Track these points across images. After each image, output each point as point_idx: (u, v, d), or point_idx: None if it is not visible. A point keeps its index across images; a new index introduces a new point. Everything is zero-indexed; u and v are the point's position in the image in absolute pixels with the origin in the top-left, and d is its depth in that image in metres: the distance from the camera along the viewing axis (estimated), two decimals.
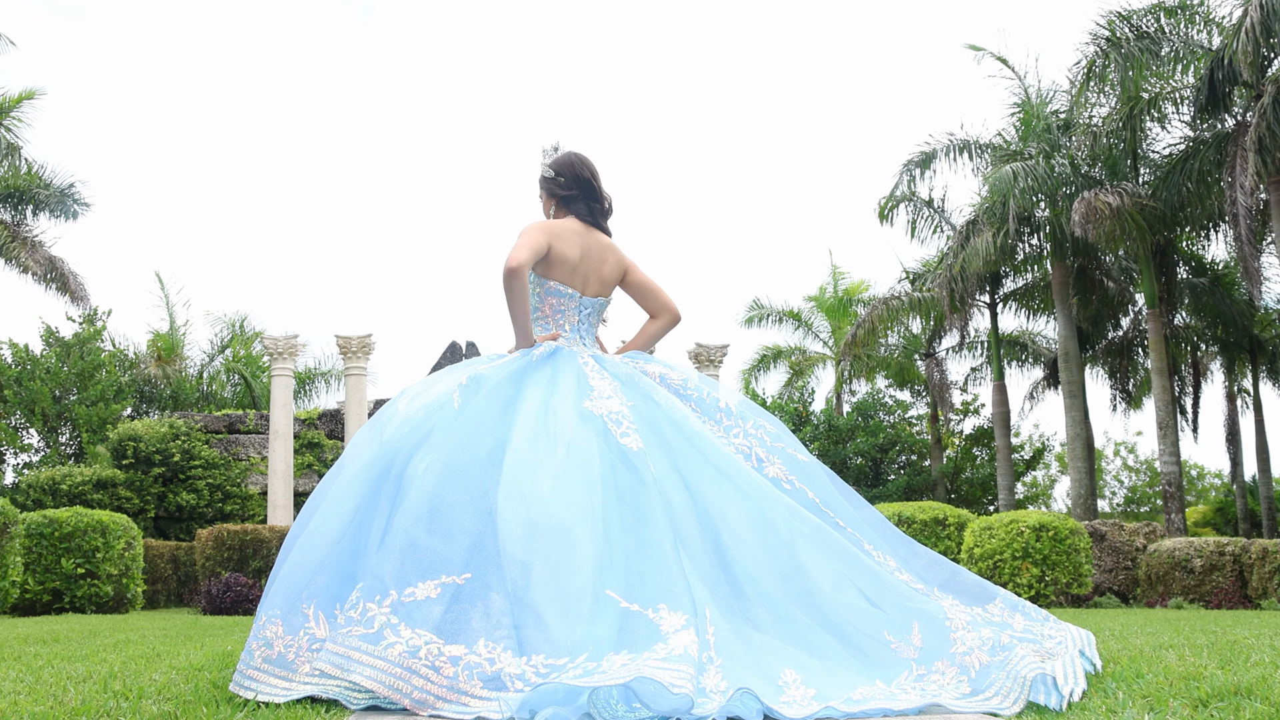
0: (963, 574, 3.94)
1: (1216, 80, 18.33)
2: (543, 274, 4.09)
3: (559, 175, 4.27)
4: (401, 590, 3.06)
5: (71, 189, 23.78)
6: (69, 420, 24.61)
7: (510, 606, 3.03)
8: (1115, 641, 4.85)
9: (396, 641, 2.95)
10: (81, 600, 12.02)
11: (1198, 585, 13.54)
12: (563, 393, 3.67)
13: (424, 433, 3.50)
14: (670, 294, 4.29)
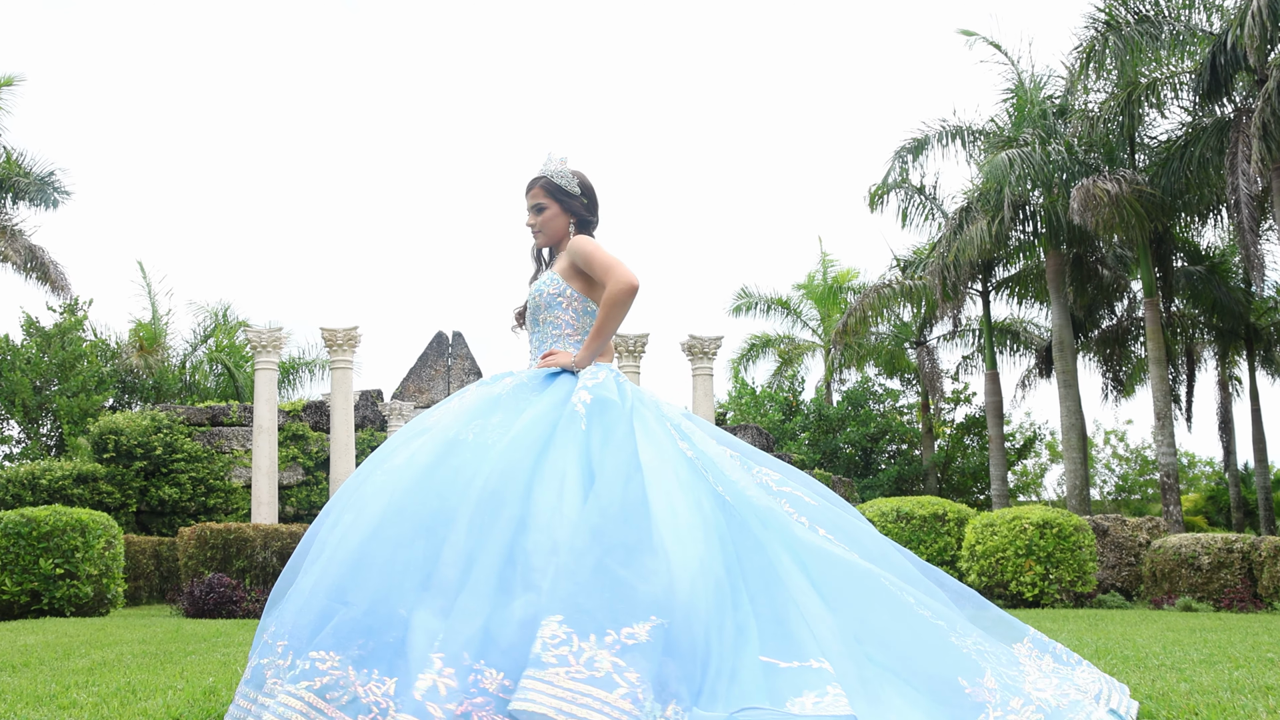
0: (990, 610, 3.76)
1: (1218, 65, 18.04)
2: (585, 292, 3.93)
3: (583, 196, 4.09)
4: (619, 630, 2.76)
5: (51, 177, 23.36)
6: (50, 411, 24.19)
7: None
8: (1171, 674, 4.46)
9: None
10: (60, 602, 11.64)
11: (1205, 584, 13.27)
12: (659, 429, 3.53)
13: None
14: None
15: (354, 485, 3.41)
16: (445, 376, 23.95)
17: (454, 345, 24.30)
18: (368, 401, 22.72)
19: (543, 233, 4.06)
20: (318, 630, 2.87)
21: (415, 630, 2.83)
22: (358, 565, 2.98)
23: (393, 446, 3.51)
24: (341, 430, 14.36)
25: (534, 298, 3.97)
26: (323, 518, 3.41)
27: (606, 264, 3.80)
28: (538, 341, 3.95)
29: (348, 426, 14.43)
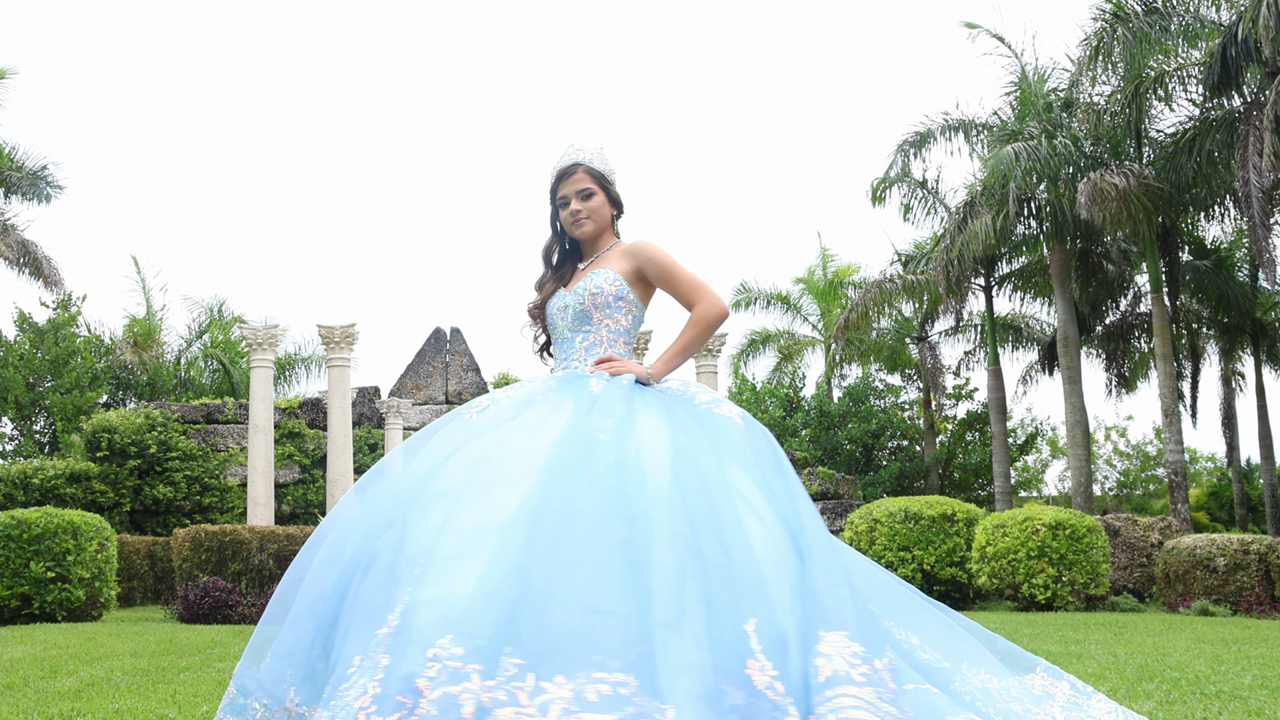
0: (998, 642, 3.53)
1: (1229, 57, 17.75)
2: (641, 299, 3.70)
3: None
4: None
5: (44, 171, 23.04)
6: (43, 408, 23.91)
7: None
8: (1234, 704, 4.14)
9: None
10: (52, 606, 11.34)
11: (1221, 585, 13.01)
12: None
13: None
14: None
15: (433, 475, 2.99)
16: (443, 373, 23.68)
17: (452, 341, 24.03)
18: (365, 398, 22.44)
19: (591, 220, 3.68)
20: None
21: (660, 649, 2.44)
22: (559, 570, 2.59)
23: (470, 436, 3.18)
24: (339, 429, 14.08)
25: (587, 296, 3.61)
26: (411, 516, 2.87)
27: (694, 282, 3.62)
28: (586, 343, 3.61)
29: (345, 425, 14.15)
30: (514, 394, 3.42)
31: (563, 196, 3.70)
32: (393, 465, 3.30)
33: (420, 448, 3.25)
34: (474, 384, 23.54)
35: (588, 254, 3.76)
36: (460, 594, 2.49)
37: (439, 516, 2.75)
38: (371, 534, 2.87)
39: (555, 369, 3.67)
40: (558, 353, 3.69)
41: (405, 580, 2.58)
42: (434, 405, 23.32)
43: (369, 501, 3.05)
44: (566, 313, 3.65)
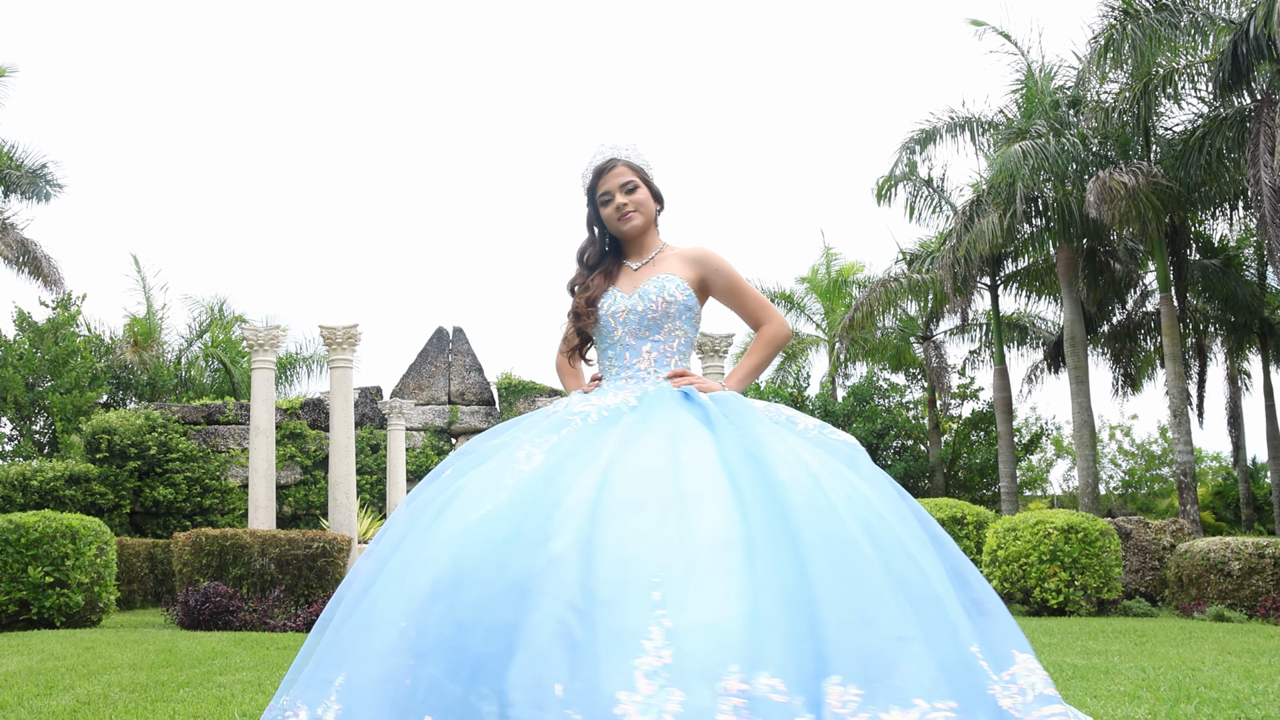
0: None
1: (1240, 54, 17.58)
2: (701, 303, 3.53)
3: None
4: None
5: (44, 170, 22.90)
6: (42, 408, 23.75)
7: None
8: None
9: None
10: (50, 611, 11.16)
11: (1235, 590, 12.82)
12: None
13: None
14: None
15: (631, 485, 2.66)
16: (446, 373, 23.51)
17: (455, 341, 23.86)
18: (367, 399, 22.27)
19: (639, 213, 3.48)
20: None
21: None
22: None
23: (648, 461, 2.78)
24: (341, 432, 13.90)
25: (659, 302, 3.39)
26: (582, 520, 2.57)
27: (761, 300, 3.52)
28: (654, 354, 3.39)
29: (347, 428, 13.97)
30: (604, 402, 3.16)
31: (605, 193, 3.50)
32: (490, 477, 2.87)
33: (511, 460, 2.90)
34: (477, 384, 23.38)
35: (634, 253, 3.54)
36: (732, 617, 2.29)
37: (645, 533, 2.49)
38: (518, 552, 2.52)
39: (611, 378, 3.41)
40: (608, 360, 3.44)
41: (637, 604, 2.32)
42: (436, 405, 23.16)
43: (496, 516, 2.66)
44: (629, 318, 3.41)
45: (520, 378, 23.39)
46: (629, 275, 3.49)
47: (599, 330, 3.46)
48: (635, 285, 3.44)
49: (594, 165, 3.55)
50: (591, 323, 3.46)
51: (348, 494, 13.76)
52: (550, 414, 3.22)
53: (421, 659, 2.41)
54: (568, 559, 2.43)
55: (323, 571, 12.25)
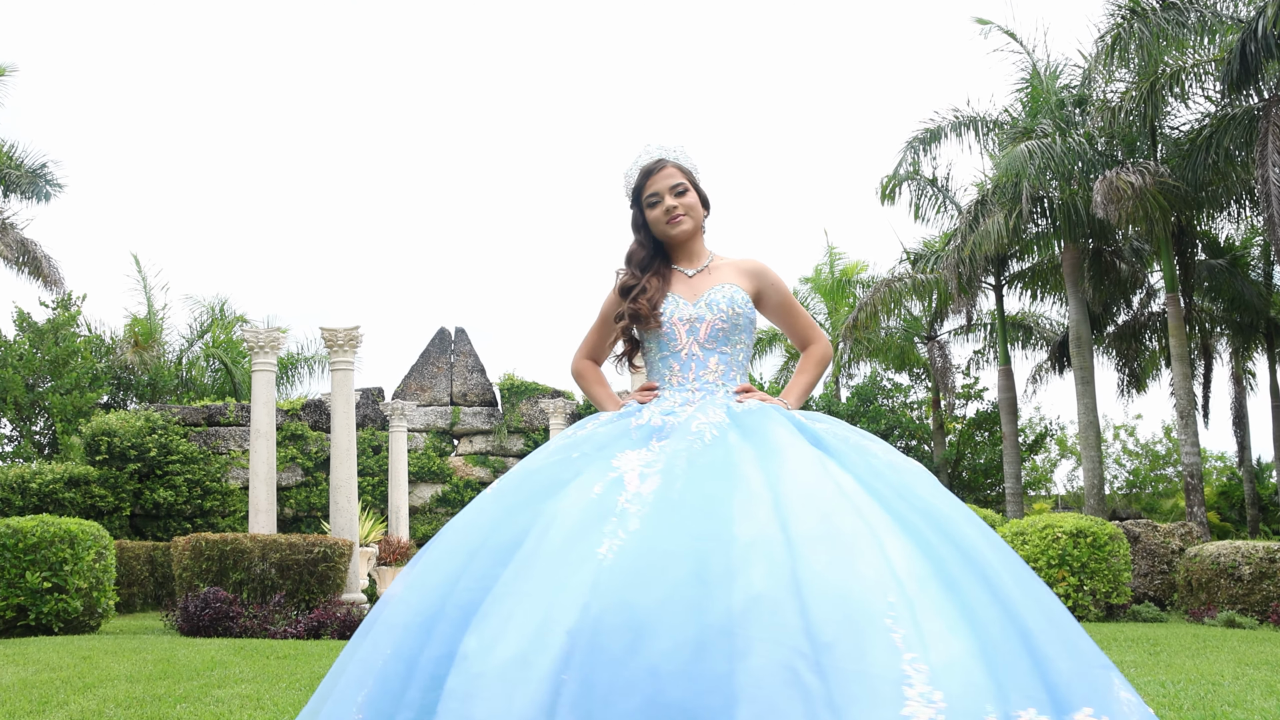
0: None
1: (1248, 53, 17.40)
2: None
3: None
4: None
5: (44, 169, 22.74)
6: (43, 409, 23.63)
7: None
8: None
9: None
10: (48, 617, 11.02)
11: (1246, 595, 12.68)
12: None
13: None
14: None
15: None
16: (448, 374, 23.38)
17: (456, 341, 23.74)
18: (369, 400, 22.15)
19: (689, 217, 3.34)
20: None
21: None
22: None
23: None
24: (342, 435, 13.76)
25: (729, 313, 3.26)
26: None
27: (810, 319, 3.47)
28: (722, 367, 3.25)
29: (349, 430, 13.84)
30: (708, 419, 2.93)
31: (653, 194, 3.37)
32: (593, 503, 2.62)
33: (610, 484, 2.67)
34: (479, 385, 23.25)
35: (683, 259, 3.40)
36: (967, 654, 2.17)
37: (853, 568, 2.30)
38: (711, 592, 2.28)
39: (674, 388, 3.22)
40: (667, 369, 3.27)
41: (879, 646, 2.14)
42: (438, 406, 23.04)
43: (651, 550, 2.40)
44: (696, 326, 3.26)
45: (523, 378, 23.27)
46: (685, 282, 3.35)
47: (658, 337, 3.29)
48: (696, 293, 3.31)
49: (641, 165, 3.43)
50: (654, 327, 3.28)
51: (349, 498, 13.63)
52: (616, 422, 3.07)
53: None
54: (775, 597, 2.22)
55: (324, 576, 12.13)
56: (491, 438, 22.93)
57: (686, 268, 3.38)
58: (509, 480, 2.94)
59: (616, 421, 3.09)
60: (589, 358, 3.55)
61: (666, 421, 3.01)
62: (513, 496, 2.81)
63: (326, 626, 11.01)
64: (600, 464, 2.80)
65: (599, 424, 3.12)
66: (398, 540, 17.23)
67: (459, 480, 22.53)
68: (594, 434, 3.05)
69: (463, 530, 2.78)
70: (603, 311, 3.48)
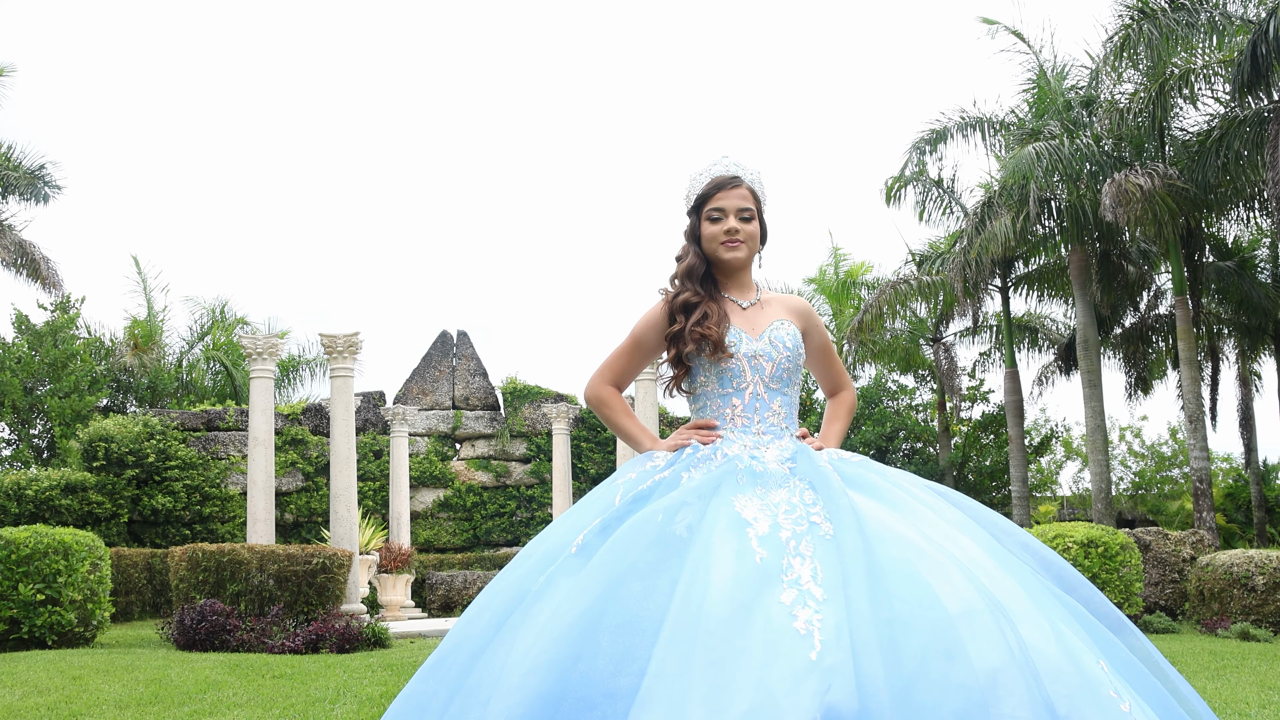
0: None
1: (1259, 55, 17.22)
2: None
3: None
4: None
5: (42, 170, 22.56)
6: (41, 412, 23.44)
7: None
8: None
9: None
10: (41, 630, 10.83)
11: (1260, 605, 12.48)
12: None
13: None
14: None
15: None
16: (450, 377, 23.19)
17: (459, 345, 23.55)
18: (370, 404, 21.97)
19: (746, 246, 3.14)
20: None
21: None
22: None
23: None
24: (342, 442, 13.57)
25: (794, 351, 3.06)
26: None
27: (843, 366, 3.34)
28: (785, 409, 3.03)
29: (349, 437, 13.65)
30: (806, 469, 2.74)
31: (719, 208, 3.14)
32: (710, 552, 2.39)
33: (729, 536, 2.44)
34: (481, 389, 23.06)
35: (733, 288, 3.16)
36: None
37: (1056, 633, 2.30)
38: (953, 669, 2.17)
39: (737, 429, 2.96)
40: (729, 407, 2.99)
41: (1109, 712, 2.19)
42: (440, 410, 22.86)
43: (859, 621, 2.23)
44: (762, 365, 3.02)
45: (525, 382, 23.09)
46: (740, 314, 3.11)
47: (721, 372, 3.01)
48: (757, 328, 3.07)
49: (714, 175, 3.19)
50: (724, 359, 3.00)
51: (349, 506, 13.45)
52: (700, 465, 2.79)
53: None
54: (1010, 672, 2.13)
55: (323, 588, 11.94)
56: (494, 442, 22.75)
57: (740, 298, 3.15)
58: (590, 538, 2.54)
59: (698, 464, 2.81)
60: (613, 383, 3.19)
61: (760, 470, 2.75)
62: (615, 558, 2.41)
63: (325, 640, 10.82)
64: (721, 516, 2.52)
65: (672, 465, 2.83)
66: (399, 547, 17.03)
67: (461, 485, 22.35)
68: (678, 477, 2.75)
69: (562, 604, 2.36)
70: (637, 332, 3.15)
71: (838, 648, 2.11)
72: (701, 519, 2.50)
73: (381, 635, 11.37)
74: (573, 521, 2.67)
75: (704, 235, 3.13)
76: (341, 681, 7.63)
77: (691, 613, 2.22)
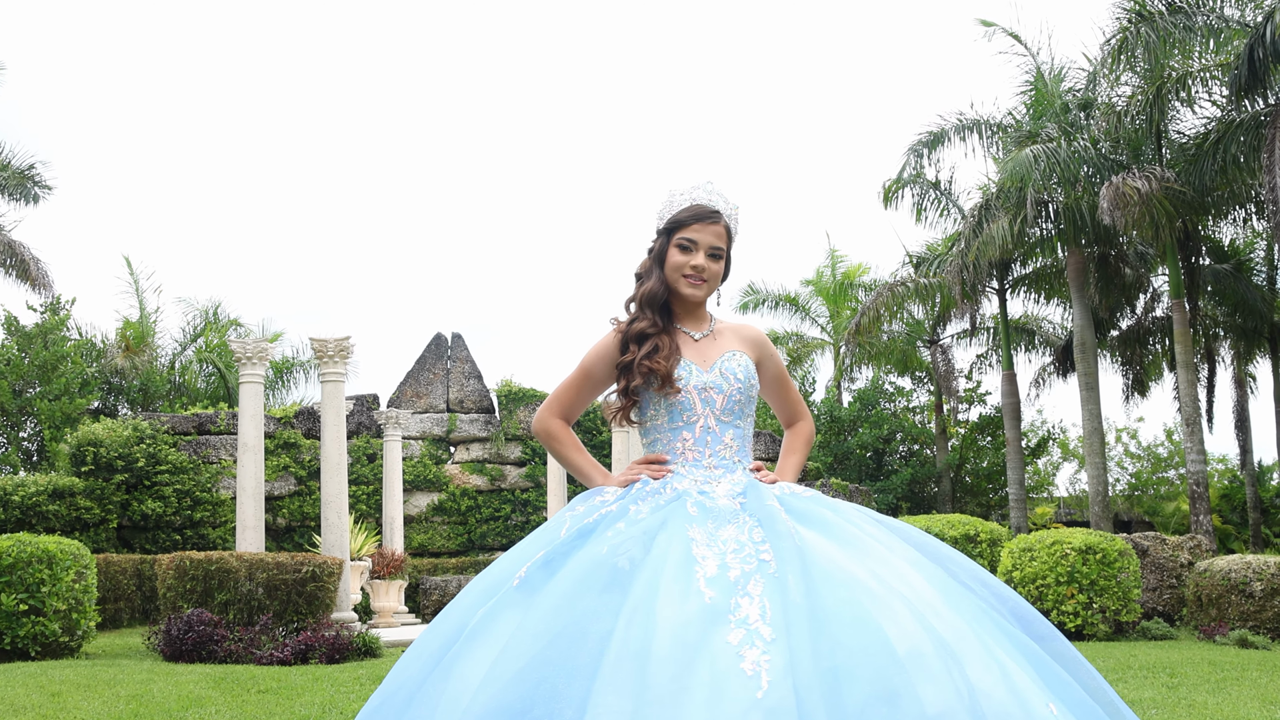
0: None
1: (1255, 58, 17.14)
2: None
3: None
4: None
5: (32, 170, 22.38)
6: (30, 415, 23.25)
7: None
8: None
9: None
10: (24, 641, 10.66)
11: (1258, 611, 12.40)
12: None
13: None
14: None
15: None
16: (444, 380, 23.04)
17: (453, 347, 23.40)
18: (363, 407, 21.81)
19: (708, 285, 3.05)
20: None
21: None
22: None
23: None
24: (333, 448, 13.42)
25: (746, 383, 3.01)
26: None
27: (799, 395, 3.25)
28: (737, 442, 2.97)
29: (340, 443, 13.50)
30: (754, 505, 2.70)
31: (692, 240, 3.03)
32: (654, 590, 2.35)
33: (672, 575, 2.39)
34: (476, 392, 22.92)
35: (687, 318, 3.09)
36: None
37: (1007, 676, 2.31)
38: (896, 706, 2.18)
39: (688, 464, 2.91)
40: (679, 440, 2.94)
41: None
42: (435, 414, 22.71)
43: (808, 666, 2.20)
44: (713, 397, 2.97)
45: (521, 385, 22.95)
46: (692, 345, 3.04)
47: (671, 405, 2.96)
48: (708, 360, 3.01)
49: (695, 201, 3.07)
50: (673, 393, 2.94)
51: (340, 513, 13.30)
52: (646, 499, 2.75)
53: None
54: (957, 713, 2.13)
55: (313, 596, 11.80)
56: (489, 445, 22.61)
57: (693, 329, 3.08)
58: (533, 571, 2.51)
59: (645, 498, 2.76)
60: (562, 416, 3.11)
61: (710, 505, 2.70)
62: (558, 595, 2.38)
63: (315, 650, 10.68)
64: (667, 552, 2.47)
65: (621, 500, 2.78)
66: (392, 553, 16.88)
67: (455, 489, 22.20)
68: (625, 511, 2.70)
69: (502, 642, 2.34)
70: (586, 363, 3.07)
71: (783, 685, 2.11)
72: (647, 554, 2.46)
73: (372, 644, 11.23)
74: (517, 554, 2.65)
75: (669, 262, 3.05)
76: (328, 697, 7.49)
77: (634, 650, 2.19)
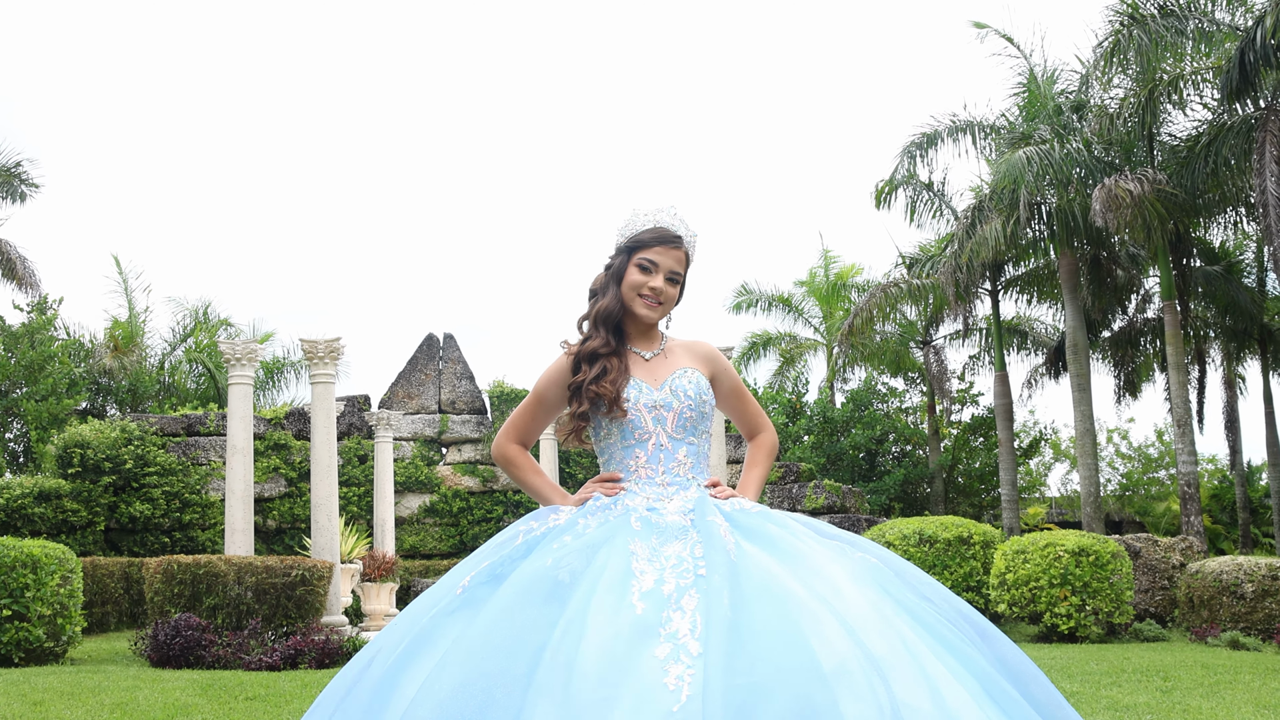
0: None
1: (1246, 62, 17.15)
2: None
3: None
4: None
5: (19, 168, 22.27)
6: (16, 416, 23.10)
7: None
8: None
9: None
10: (8, 647, 10.54)
11: (1249, 613, 12.41)
12: None
13: None
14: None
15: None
16: (436, 381, 22.96)
17: (445, 348, 23.32)
18: (354, 408, 21.72)
19: (663, 309, 3.10)
20: None
21: None
22: None
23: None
24: (323, 450, 13.33)
25: (697, 400, 3.03)
26: None
27: (759, 407, 3.27)
28: (691, 459, 2.99)
29: (329, 446, 13.41)
30: (701, 522, 2.71)
31: (652, 261, 3.08)
32: (596, 609, 2.39)
33: (608, 592, 2.42)
34: (468, 393, 22.84)
35: (638, 338, 3.12)
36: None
37: (930, 691, 2.28)
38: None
39: (641, 481, 2.94)
40: (632, 459, 2.96)
41: None
42: (426, 415, 22.62)
43: (731, 684, 2.21)
44: (663, 415, 2.99)
45: (513, 385, 22.87)
46: (643, 365, 3.07)
47: (621, 425, 2.99)
48: (658, 378, 3.03)
49: (659, 224, 3.12)
50: (620, 415, 2.96)
51: (329, 515, 13.21)
52: (595, 515, 2.78)
53: None
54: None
55: (302, 600, 11.71)
56: (480, 446, 22.54)
57: (644, 349, 3.11)
58: (476, 581, 2.61)
59: (595, 514, 2.79)
60: (518, 441, 3.17)
61: (657, 521, 2.72)
62: (498, 608, 2.44)
63: (304, 655, 10.60)
64: (607, 567, 2.50)
65: (572, 515, 2.81)
66: (383, 555, 16.78)
67: (447, 490, 22.12)
68: (574, 524, 2.74)
69: (450, 654, 2.38)
70: (539, 387, 3.13)
71: (699, 700, 2.13)
72: (587, 566, 2.50)
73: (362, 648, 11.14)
74: (466, 565, 2.71)
75: (627, 280, 3.08)
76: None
77: (563, 662, 2.23)
